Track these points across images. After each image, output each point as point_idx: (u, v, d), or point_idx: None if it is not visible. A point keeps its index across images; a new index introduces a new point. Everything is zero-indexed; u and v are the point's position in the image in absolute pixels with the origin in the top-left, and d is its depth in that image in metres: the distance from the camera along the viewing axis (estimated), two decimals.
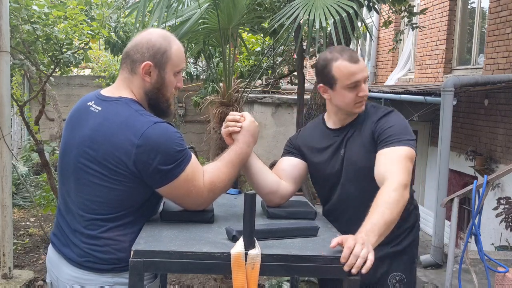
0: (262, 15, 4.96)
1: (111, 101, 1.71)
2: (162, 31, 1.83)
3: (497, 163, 6.04)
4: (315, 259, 1.47)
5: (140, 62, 1.72)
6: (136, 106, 1.70)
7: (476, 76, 6.23)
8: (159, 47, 1.72)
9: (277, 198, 1.97)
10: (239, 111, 4.54)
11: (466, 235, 3.21)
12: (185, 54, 1.93)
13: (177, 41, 1.79)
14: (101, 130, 1.65)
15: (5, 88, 3.93)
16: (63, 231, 1.75)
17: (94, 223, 1.66)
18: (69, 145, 1.73)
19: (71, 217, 1.72)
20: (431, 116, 7.25)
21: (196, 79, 8.76)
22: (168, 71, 1.74)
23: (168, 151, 1.62)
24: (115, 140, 1.61)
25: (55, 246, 1.77)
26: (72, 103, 9.38)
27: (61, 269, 1.72)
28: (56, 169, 2.06)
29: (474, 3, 7.35)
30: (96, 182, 1.64)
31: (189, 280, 4.67)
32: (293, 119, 8.08)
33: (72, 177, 1.71)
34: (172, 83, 1.77)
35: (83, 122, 1.71)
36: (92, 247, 1.65)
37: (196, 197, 1.71)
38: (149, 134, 1.60)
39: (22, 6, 4.56)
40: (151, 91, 1.75)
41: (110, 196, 1.64)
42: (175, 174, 1.64)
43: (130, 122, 1.63)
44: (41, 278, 4.57)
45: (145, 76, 1.73)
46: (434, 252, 4.99)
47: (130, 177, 1.62)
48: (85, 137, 1.67)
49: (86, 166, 1.65)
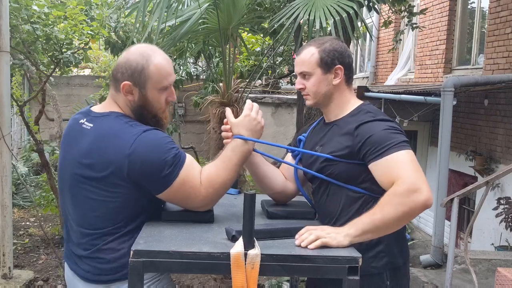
0: (262, 15, 4.96)
1: (102, 116, 1.73)
2: (143, 47, 1.77)
3: (497, 163, 6.04)
4: (315, 259, 1.47)
5: (121, 81, 1.73)
6: (126, 118, 1.72)
7: (476, 76, 6.24)
8: (135, 66, 1.71)
9: (283, 198, 2.02)
10: (239, 111, 4.56)
11: (466, 235, 3.22)
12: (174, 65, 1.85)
13: (158, 56, 1.74)
14: (94, 146, 1.66)
15: (5, 88, 3.93)
16: (70, 249, 1.78)
17: (94, 237, 1.69)
18: (65, 164, 1.77)
19: (73, 233, 1.76)
20: (431, 116, 7.25)
21: (196, 79, 8.76)
22: (149, 88, 1.73)
23: (160, 158, 1.62)
24: (108, 155, 1.63)
25: (68, 263, 1.81)
26: (72, 103, 9.36)
27: (76, 285, 1.76)
28: (56, 169, 2.08)
29: (474, 3, 7.35)
30: (91, 197, 1.67)
31: (189, 280, 4.68)
32: (293, 119, 8.08)
33: (69, 194, 1.74)
34: (157, 100, 1.75)
35: (77, 140, 1.73)
36: (95, 260, 1.68)
37: (196, 198, 1.71)
38: (139, 144, 1.62)
39: (22, 6, 4.56)
40: (135, 108, 1.75)
41: (106, 210, 1.66)
42: (171, 179, 1.64)
43: (121, 134, 1.65)
44: (41, 278, 4.58)
45: (127, 95, 1.74)
46: (434, 252, 4.99)
47: (126, 187, 1.64)
48: (79, 154, 1.69)
49: (81, 183, 1.68)
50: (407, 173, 1.67)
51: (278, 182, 2.01)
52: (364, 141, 1.79)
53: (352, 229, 1.61)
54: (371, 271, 1.84)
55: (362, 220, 1.64)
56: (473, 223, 3.70)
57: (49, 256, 5.22)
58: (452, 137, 5.28)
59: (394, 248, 1.88)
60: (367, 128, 1.81)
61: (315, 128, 2.09)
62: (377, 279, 1.85)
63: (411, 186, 1.64)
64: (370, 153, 1.77)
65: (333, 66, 1.90)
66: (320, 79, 1.90)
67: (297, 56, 1.95)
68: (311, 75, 1.91)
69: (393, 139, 1.75)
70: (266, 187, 2.00)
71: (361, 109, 1.92)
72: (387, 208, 1.63)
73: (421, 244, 5.94)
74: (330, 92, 1.93)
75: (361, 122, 1.83)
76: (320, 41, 1.93)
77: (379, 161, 1.74)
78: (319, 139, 1.98)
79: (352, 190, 1.86)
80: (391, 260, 1.87)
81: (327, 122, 2.01)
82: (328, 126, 1.98)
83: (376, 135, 1.77)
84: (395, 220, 1.65)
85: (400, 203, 1.63)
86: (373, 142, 1.76)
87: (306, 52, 1.92)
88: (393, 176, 1.69)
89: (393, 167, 1.71)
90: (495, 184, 5.69)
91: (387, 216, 1.63)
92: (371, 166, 1.77)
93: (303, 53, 1.93)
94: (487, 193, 3.44)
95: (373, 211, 1.65)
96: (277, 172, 2.05)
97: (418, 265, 5.03)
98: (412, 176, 1.66)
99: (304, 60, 1.91)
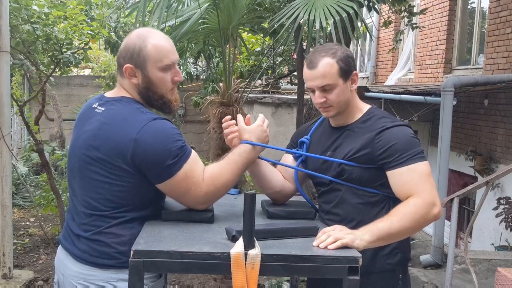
0: (262, 15, 4.96)
1: (113, 101, 1.76)
2: (141, 30, 1.81)
3: (497, 163, 6.04)
4: (315, 259, 1.47)
5: (123, 65, 1.75)
6: (137, 105, 1.74)
7: (476, 76, 6.24)
8: (133, 47, 1.73)
9: (281, 197, 2.03)
10: (239, 111, 4.56)
11: (466, 235, 3.22)
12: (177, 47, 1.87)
13: (156, 36, 1.76)
14: (103, 129, 1.69)
15: (5, 88, 3.93)
16: (70, 229, 1.78)
17: (97, 219, 1.69)
18: (75, 146, 1.79)
19: (76, 215, 1.76)
20: (431, 116, 7.25)
21: (196, 79, 8.77)
22: (151, 68, 1.73)
23: (166, 147, 1.64)
24: (115, 137, 1.65)
25: (62, 244, 1.81)
26: (72, 103, 9.36)
27: (67, 266, 1.75)
28: (56, 169, 2.09)
29: (474, 3, 7.35)
30: (97, 179, 1.68)
31: (189, 280, 4.67)
32: (293, 119, 8.08)
33: (78, 176, 1.76)
34: (161, 80, 1.76)
35: (88, 122, 1.76)
36: (95, 242, 1.69)
37: (196, 193, 1.71)
38: (147, 130, 1.64)
39: (22, 6, 4.56)
40: (141, 91, 1.77)
41: (111, 193, 1.68)
42: (174, 170, 1.66)
43: (130, 119, 1.67)
44: (41, 278, 4.58)
45: (131, 78, 1.75)
46: (434, 252, 4.99)
47: (130, 172, 1.65)
48: (88, 136, 1.72)
49: (89, 164, 1.70)
50: (427, 187, 1.74)
51: (276, 181, 2.01)
52: (388, 147, 1.80)
53: (367, 234, 1.61)
54: (387, 267, 1.87)
55: (378, 227, 1.64)
56: (473, 223, 3.71)
57: (49, 256, 5.22)
58: (452, 137, 5.28)
59: (405, 244, 1.91)
60: (390, 134, 1.82)
61: (319, 131, 2.07)
62: (391, 275, 1.89)
63: (431, 200, 1.71)
64: (392, 160, 1.79)
65: (350, 73, 1.89)
66: (342, 89, 1.87)
67: (311, 70, 1.85)
68: (334, 87, 1.85)
69: (415, 148, 1.80)
70: (265, 186, 2.00)
71: (373, 114, 1.93)
72: (406, 218, 1.67)
73: (421, 244, 5.93)
74: (349, 99, 1.91)
75: (383, 128, 1.84)
76: (331, 51, 1.87)
77: (400, 169, 1.78)
78: (330, 144, 1.96)
79: (368, 192, 1.86)
80: (404, 256, 1.92)
81: (335, 127, 1.99)
82: (339, 131, 1.96)
83: (400, 143, 1.80)
84: (410, 231, 1.72)
85: (420, 216, 1.69)
86: (397, 150, 1.79)
87: (324, 64, 1.83)
88: (412, 187, 1.74)
89: (413, 178, 1.76)
90: (495, 184, 5.69)
91: (405, 226, 1.67)
92: (391, 172, 1.80)
93: (320, 66, 1.83)
94: (487, 193, 3.44)
95: (390, 219, 1.67)
96: (276, 172, 2.05)
97: (418, 265, 5.03)
98: (431, 191, 1.74)
99: (325, 73, 1.83)
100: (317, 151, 1.99)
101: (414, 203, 1.70)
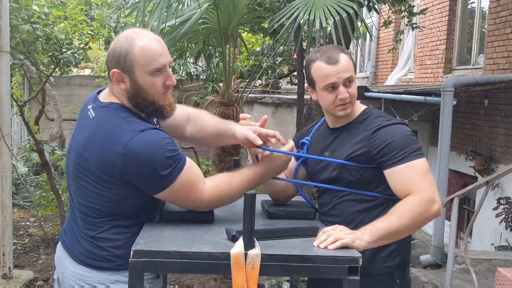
0: (262, 15, 4.96)
1: (102, 107, 1.69)
2: (129, 31, 1.68)
3: (497, 163, 6.04)
4: (315, 259, 1.47)
5: (110, 70, 1.66)
6: (124, 113, 1.65)
7: (476, 76, 6.23)
8: (119, 51, 1.62)
9: (283, 197, 2.02)
10: (239, 111, 4.56)
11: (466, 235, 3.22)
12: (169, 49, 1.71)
13: (144, 38, 1.63)
14: (92, 139, 1.64)
15: (5, 88, 3.93)
16: (71, 227, 1.78)
17: (90, 223, 1.69)
18: (71, 149, 1.76)
19: (74, 216, 1.76)
20: (431, 116, 7.25)
21: (196, 79, 8.76)
22: (139, 73, 1.62)
23: (156, 159, 1.57)
24: (102, 151, 1.60)
25: (63, 242, 1.80)
26: (72, 103, 9.37)
27: (66, 265, 1.75)
28: (56, 169, 2.08)
29: (474, 3, 7.35)
30: (87, 187, 1.66)
31: (189, 280, 4.68)
32: (293, 119, 8.08)
33: (72, 180, 1.75)
34: (151, 84, 1.65)
35: (83, 127, 1.71)
36: (91, 245, 1.68)
37: (196, 201, 1.70)
38: (134, 143, 1.57)
39: (22, 6, 4.57)
40: (130, 97, 1.67)
41: (100, 202, 1.66)
42: (169, 181, 1.61)
43: (117, 132, 1.60)
44: (41, 278, 4.58)
45: (119, 84, 1.66)
46: (434, 252, 4.99)
47: (119, 185, 1.62)
48: (80, 144, 1.68)
49: (79, 172, 1.67)
50: (426, 184, 1.72)
51: (276, 181, 2.00)
52: (384, 145, 1.79)
53: (367, 235, 1.60)
54: (384, 270, 1.85)
55: (377, 226, 1.63)
56: (473, 223, 3.71)
57: (49, 256, 5.22)
58: (452, 137, 5.28)
59: (404, 246, 1.89)
60: (387, 132, 1.81)
61: (318, 132, 2.07)
62: (388, 278, 1.87)
63: (429, 197, 1.69)
64: (389, 158, 1.78)
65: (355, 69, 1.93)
66: (356, 82, 1.90)
67: (334, 65, 1.82)
68: (353, 80, 1.87)
69: (412, 145, 1.78)
70: (267, 185, 1.99)
71: (369, 113, 1.92)
72: (404, 217, 1.66)
73: (421, 244, 5.93)
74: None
75: (379, 127, 1.83)
76: (339, 48, 1.89)
77: (398, 167, 1.76)
78: (327, 145, 1.96)
79: (368, 196, 1.85)
80: (403, 259, 1.89)
81: (332, 128, 1.98)
82: (335, 132, 1.96)
83: (397, 141, 1.78)
84: (410, 229, 1.70)
85: (419, 214, 1.67)
86: (394, 148, 1.77)
87: (343, 58, 1.84)
88: (410, 184, 1.73)
89: (411, 175, 1.74)
90: (495, 184, 5.69)
91: (404, 224, 1.65)
92: (388, 171, 1.79)
93: (342, 59, 1.83)
94: (487, 193, 3.44)
95: (389, 219, 1.65)
96: None
97: (418, 265, 5.03)
98: (430, 188, 1.72)
99: (349, 66, 1.84)
100: (316, 152, 1.99)
101: (412, 200, 1.69)
